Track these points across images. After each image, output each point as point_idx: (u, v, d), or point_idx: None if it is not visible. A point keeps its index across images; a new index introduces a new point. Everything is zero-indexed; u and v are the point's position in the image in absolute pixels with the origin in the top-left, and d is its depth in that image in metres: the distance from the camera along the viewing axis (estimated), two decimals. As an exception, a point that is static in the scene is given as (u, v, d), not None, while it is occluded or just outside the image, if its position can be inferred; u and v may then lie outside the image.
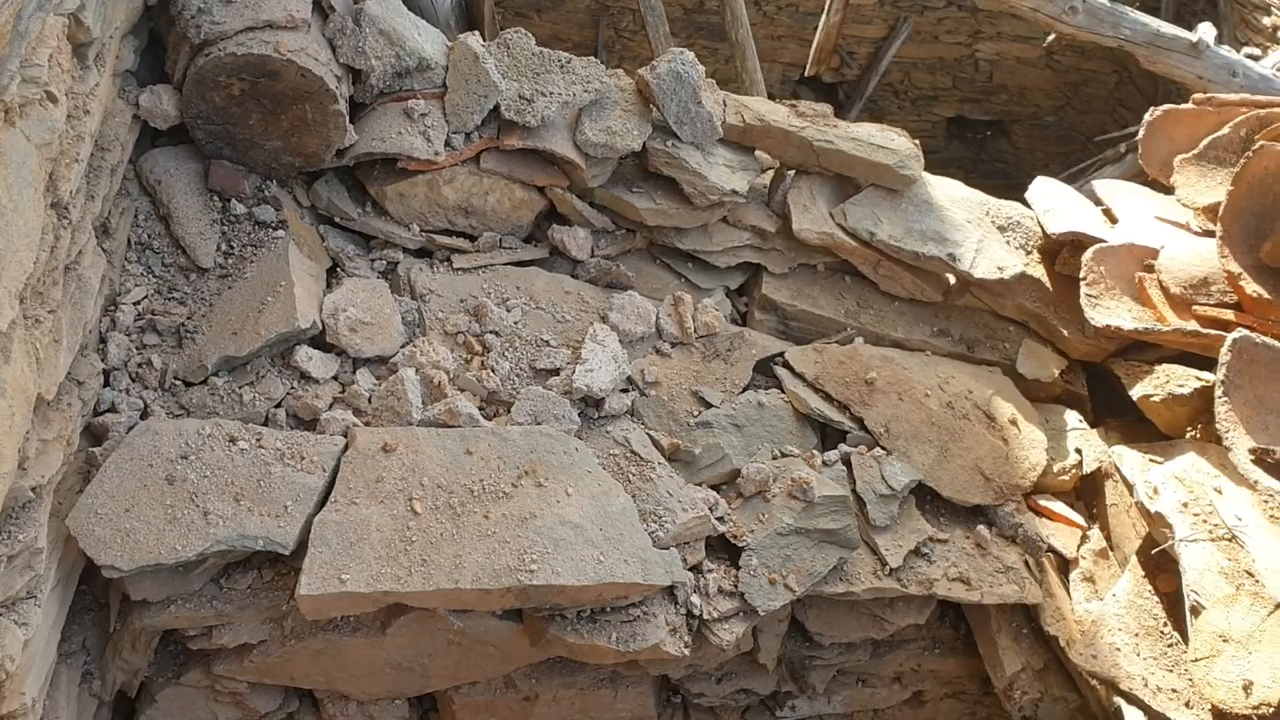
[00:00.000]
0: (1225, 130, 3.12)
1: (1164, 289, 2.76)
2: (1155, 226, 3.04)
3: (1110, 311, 2.78)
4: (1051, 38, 5.80)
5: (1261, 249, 2.63)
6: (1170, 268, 2.77)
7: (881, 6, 8.94)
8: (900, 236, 2.99)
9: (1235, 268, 2.66)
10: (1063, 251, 3.09)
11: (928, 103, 9.70)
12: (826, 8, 5.74)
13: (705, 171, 2.92)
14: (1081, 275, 2.83)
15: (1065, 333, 3.03)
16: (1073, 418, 2.99)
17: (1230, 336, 2.39)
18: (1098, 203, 3.30)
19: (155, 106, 2.63)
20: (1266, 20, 7.76)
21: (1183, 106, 3.23)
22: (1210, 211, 2.92)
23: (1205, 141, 3.12)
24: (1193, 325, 2.71)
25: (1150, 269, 2.83)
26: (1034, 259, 3.13)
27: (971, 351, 3.07)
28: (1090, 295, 2.80)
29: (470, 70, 2.82)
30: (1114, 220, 3.19)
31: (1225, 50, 5.82)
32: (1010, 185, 10.49)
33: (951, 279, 3.07)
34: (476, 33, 2.93)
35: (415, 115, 2.81)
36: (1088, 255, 2.85)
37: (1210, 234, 2.92)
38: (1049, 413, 3.00)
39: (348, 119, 2.71)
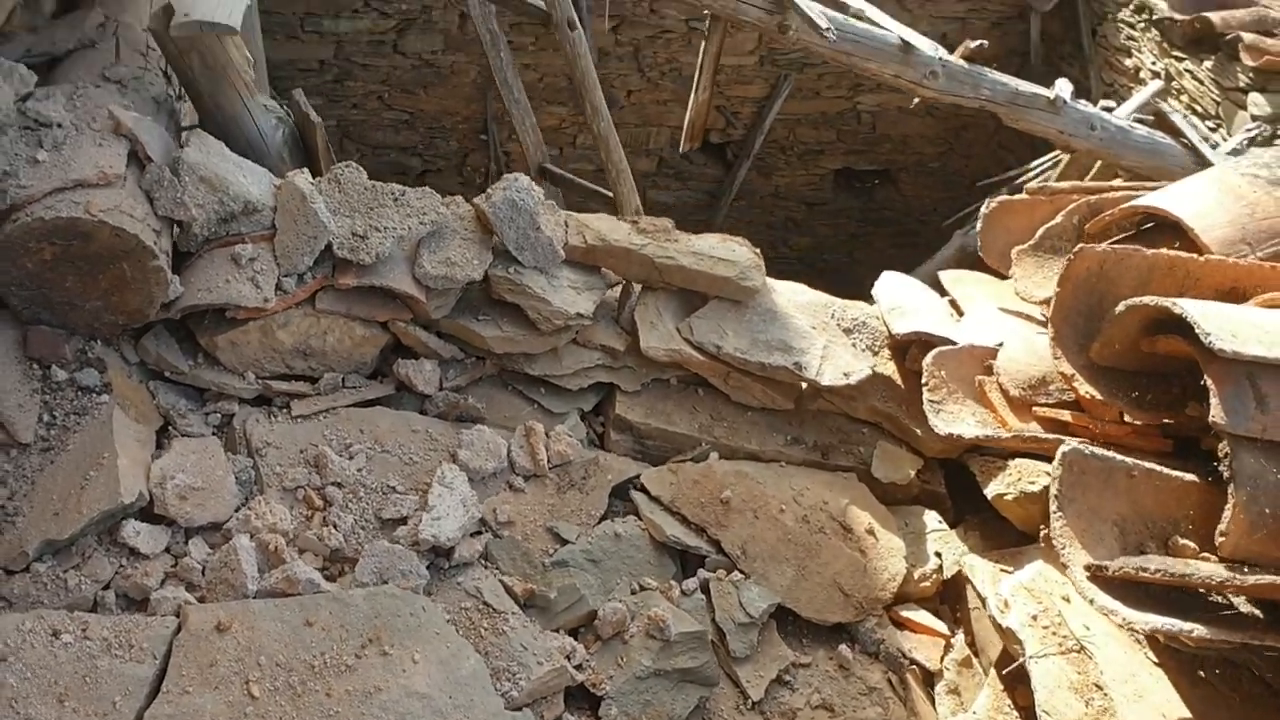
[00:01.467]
0: (1059, 219, 3.18)
1: (1004, 391, 2.78)
2: (999, 320, 3.08)
3: (953, 417, 2.79)
4: (916, 101, 5.90)
5: (1091, 349, 2.67)
6: (1009, 369, 2.80)
7: (762, 66, 9.07)
8: (746, 348, 2.99)
9: (1068, 369, 2.69)
10: (911, 349, 3.11)
11: (814, 156, 9.85)
12: (695, 85, 5.77)
13: (550, 296, 2.89)
14: (924, 381, 2.85)
15: (919, 431, 3.05)
16: (932, 519, 3.00)
17: (1060, 450, 2.41)
18: (943, 293, 3.35)
19: (-37, 281, 2.54)
20: (1129, 61, 8.01)
21: (1017, 197, 3.29)
22: (1048, 304, 2.97)
23: (1040, 231, 3.18)
24: (1033, 428, 2.73)
25: (990, 370, 2.86)
26: (884, 357, 3.15)
27: (826, 458, 3.07)
28: (933, 401, 2.82)
29: (299, 210, 2.76)
30: (960, 312, 3.23)
31: (1082, 105, 5.97)
32: (900, 231, 10.71)
33: (803, 385, 3.08)
34: (306, 171, 2.87)
35: (243, 261, 2.74)
36: (928, 360, 2.87)
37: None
38: (908, 515, 3.01)
39: (170, 272, 2.63)
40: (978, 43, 5.64)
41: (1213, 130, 6.99)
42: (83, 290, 2.59)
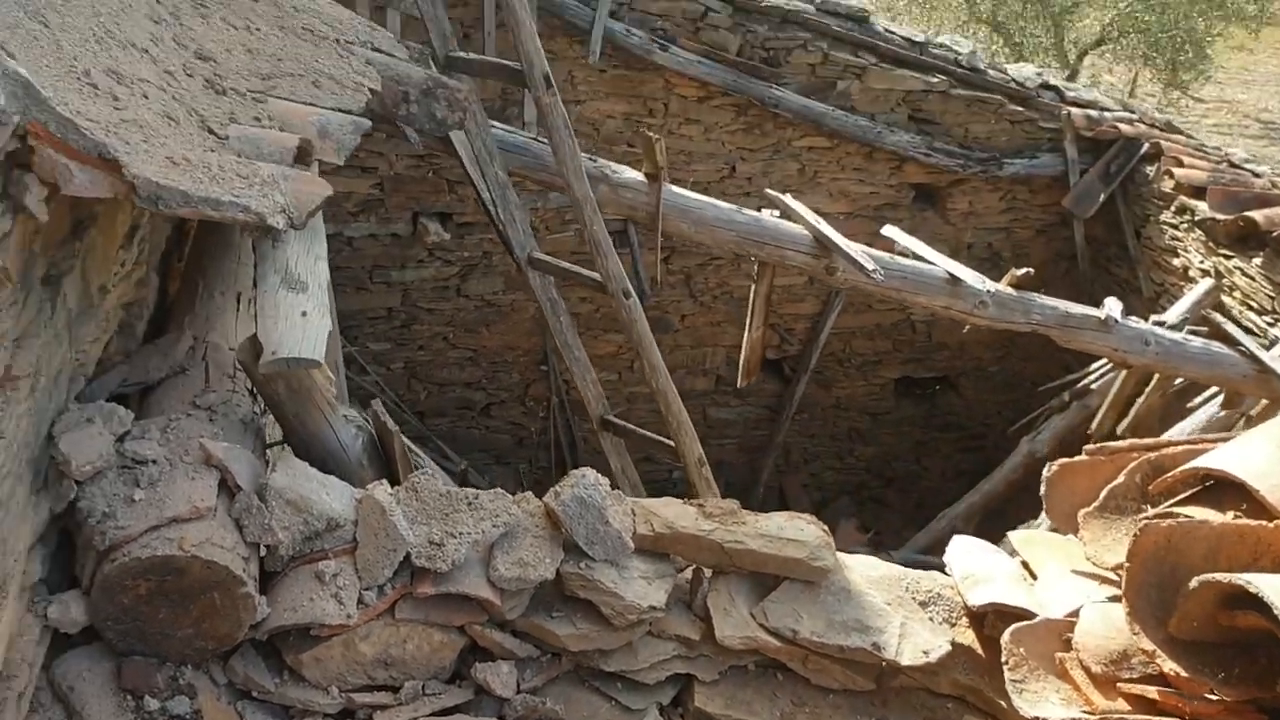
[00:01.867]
0: (1121, 478, 3.19)
1: (1085, 669, 2.75)
2: (1073, 585, 3.06)
3: (1037, 697, 2.75)
4: (967, 329, 6.02)
5: (1169, 623, 2.64)
6: (1088, 645, 2.77)
7: (812, 284, 9.32)
8: (823, 631, 3.00)
9: (1148, 644, 2.65)
10: (988, 616, 3.10)
11: (872, 367, 9.97)
12: (748, 324, 5.96)
13: (622, 590, 2.94)
14: (1004, 660, 2.82)
15: (1003, 704, 3.00)
16: (1026, 797, 2.92)
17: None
18: (1013, 553, 3.34)
19: (64, 615, 2.66)
20: (1176, 261, 8.11)
21: (1077, 459, 3.32)
22: (1120, 569, 2.95)
23: (1105, 492, 3.18)
24: (1120, 705, 2.68)
25: (1069, 644, 2.83)
26: (962, 626, 3.13)
27: (913, 740, 3.02)
28: (1015, 680, 2.78)
29: (379, 524, 2.87)
30: (1033, 575, 3.22)
31: (1134, 322, 6.05)
32: (965, 436, 10.68)
33: (883, 664, 3.06)
34: (385, 482, 3.00)
35: (327, 578, 2.84)
36: (1007, 637, 2.85)
37: (1128, 592, 2.94)
38: (1001, 794, 2.93)
39: (257, 596, 2.74)
40: (1024, 271, 5.79)
41: (1271, 325, 7.00)
42: (174, 620, 2.70)
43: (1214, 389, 6.59)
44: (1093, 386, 7.88)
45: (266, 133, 3.29)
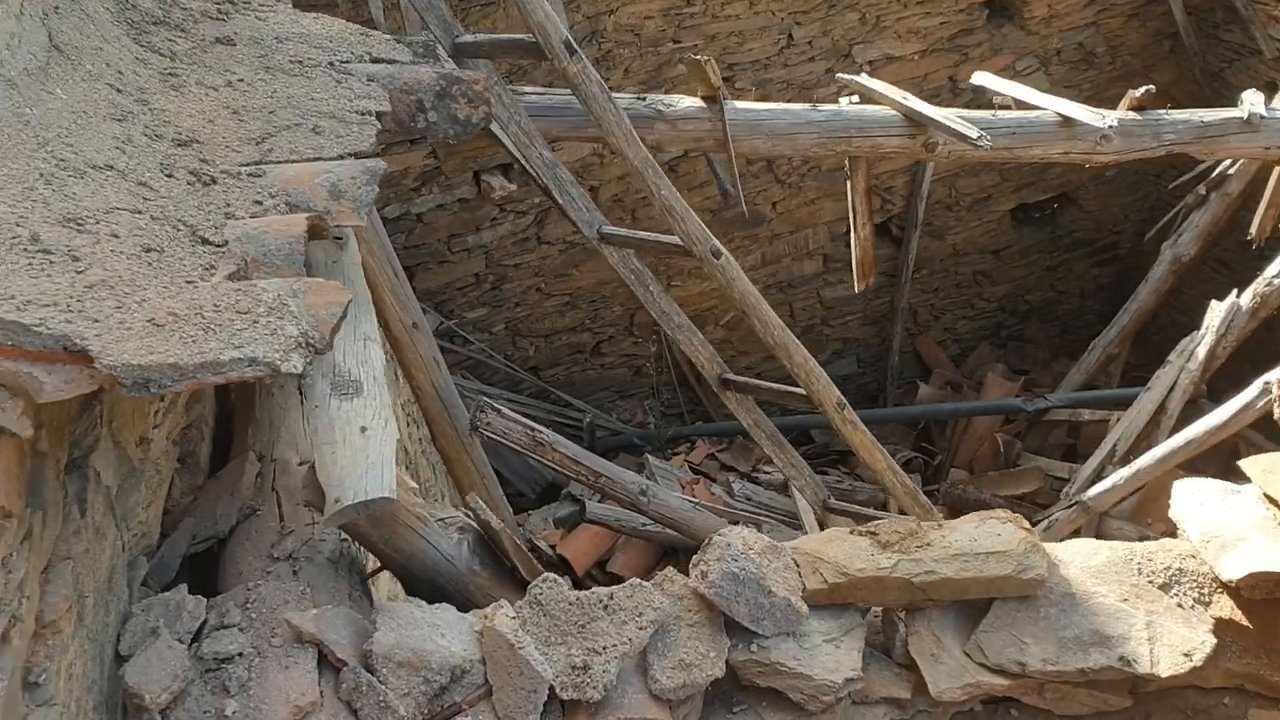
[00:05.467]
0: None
1: None
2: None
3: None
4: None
5: None
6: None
7: (899, 137, 8.49)
8: (1055, 655, 2.48)
9: None
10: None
11: (982, 204, 9.29)
12: (852, 224, 5.32)
13: (807, 668, 2.47)
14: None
15: (1295, 686, 2.46)
16: (1346, 795, 2.40)
17: None
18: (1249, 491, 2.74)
19: None
20: (1289, 10, 7.14)
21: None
22: None
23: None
24: None
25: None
26: (1218, 600, 2.58)
27: (1194, 758, 2.51)
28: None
29: (509, 661, 2.44)
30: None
31: (1281, 108, 5.22)
32: (1098, 249, 9.89)
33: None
34: (505, 605, 2.56)
35: (468, 738, 2.44)
36: (1296, 632, 2.30)
37: None
38: (1315, 798, 2.42)
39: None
40: (1143, 90, 5.00)
41: None
42: (312, 835, 2.33)
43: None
44: (1230, 172, 7.02)
45: (270, 223, 2.78)
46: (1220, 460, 6.85)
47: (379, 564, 2.89)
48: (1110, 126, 4.92)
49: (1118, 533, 6.82)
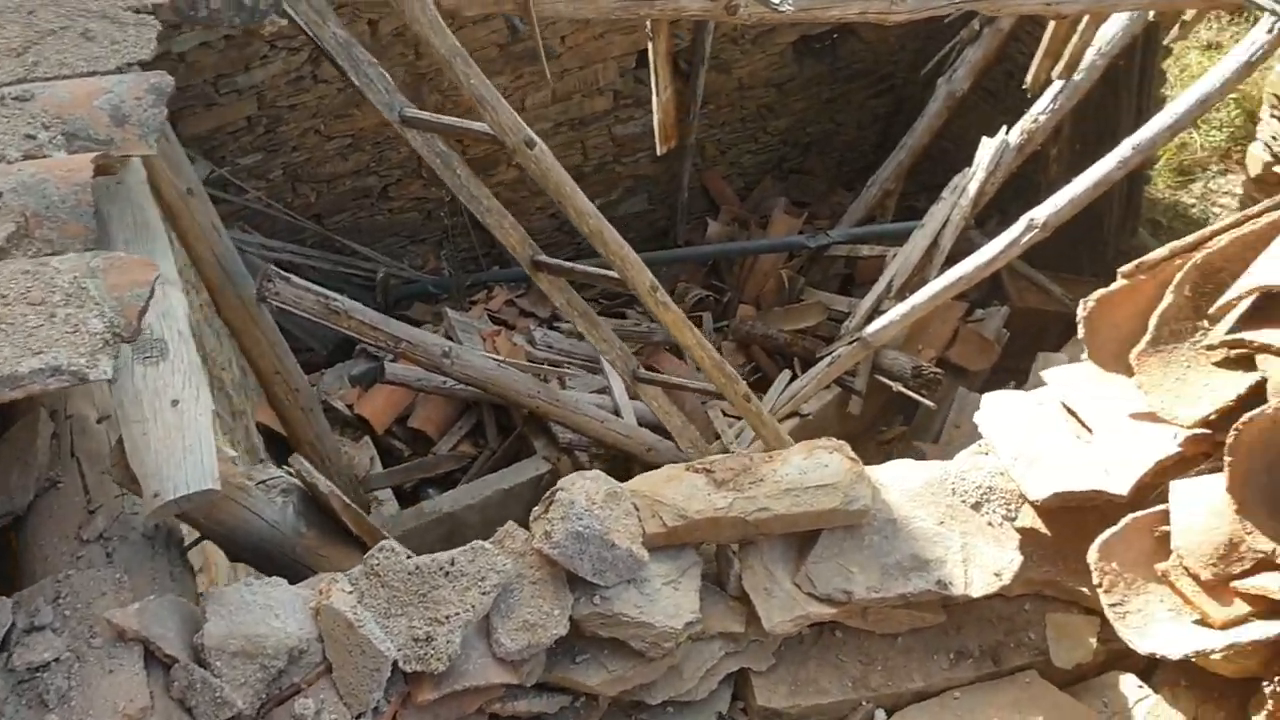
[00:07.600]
0: (1168, 298, 2.72)
1: (1193, 576, 2.41)
2: (1134, 434, 2.67)
3: (1144, 619, 2.43)
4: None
5: (1285, 511, 2.28)
6: (1190, 545, 2.41)
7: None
8: (879, 583, 2.61)
9: (1266, 544, 2.30)
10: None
11: (766, 36, 9.27)
12: (654, 87, 5.19)
13: (649, 615, 2.52)
14: (1096, 582, 2.47)
15: (1085, 590, 2.69)
16: (1130, 685, 2.68)
17: None
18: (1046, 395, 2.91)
19: None
20: None
21: (1114, 287, 2.81)
22: (1204, 425, 2.56)
23: (1154, 320, 2.72)
24: (1239, 610, 2.37)
25: (1164, 542, 2.47)
26: (1024, 510, 2.76)
27: (999, 664, 2.73)
28: (1114, 605, 2.45)
29: (349, 640, 2.38)
30: (1087, 428, 2.82)
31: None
32: (875, 80, 10.06)
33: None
34: (340, 580, 2.47)
35: (309, 716, 2.38)
36: (1094, 556, 2.48)
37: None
38: (1102, 691, 2.68)
39: (239, 782, 2.29)
40: (930, -57, 5.00)
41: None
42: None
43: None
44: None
45: (50, 167, 2.44)
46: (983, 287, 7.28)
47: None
48: (901, -21, 4.93)
49: (893, 363, 7.22)
